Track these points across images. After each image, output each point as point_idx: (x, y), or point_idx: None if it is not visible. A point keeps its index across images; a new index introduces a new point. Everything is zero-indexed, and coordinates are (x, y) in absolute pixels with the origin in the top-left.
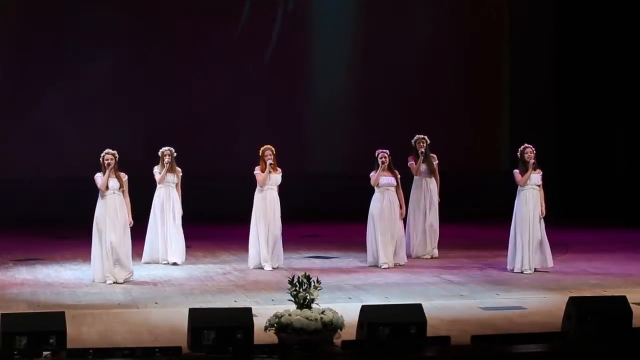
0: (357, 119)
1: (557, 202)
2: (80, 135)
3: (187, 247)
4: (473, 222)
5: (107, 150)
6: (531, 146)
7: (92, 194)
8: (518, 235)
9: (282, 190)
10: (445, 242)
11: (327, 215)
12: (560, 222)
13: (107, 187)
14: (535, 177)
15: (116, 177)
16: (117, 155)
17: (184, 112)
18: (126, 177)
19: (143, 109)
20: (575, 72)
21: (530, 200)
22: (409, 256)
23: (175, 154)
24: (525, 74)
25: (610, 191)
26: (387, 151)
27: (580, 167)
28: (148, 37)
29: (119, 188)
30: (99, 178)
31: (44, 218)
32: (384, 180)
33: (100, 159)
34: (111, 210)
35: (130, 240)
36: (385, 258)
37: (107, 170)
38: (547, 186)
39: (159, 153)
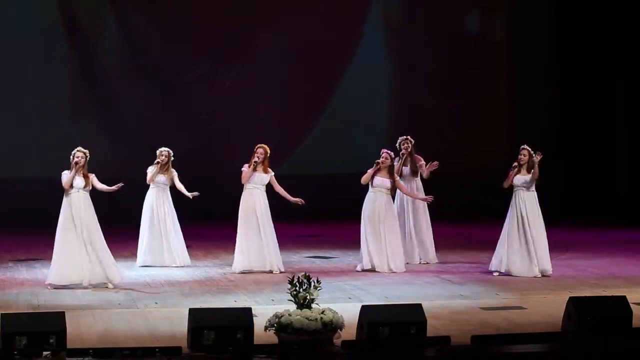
0: (358, 119)
1: (557, 201)
2: (82, 134)
3: (187, 246)
4: (473, 223)
5: (78, 148)
6: (527, 147)
7: (92, 193)
8: (504, 236)
9: (289, 191)
10: (445, 243)
11: (327, 215)
12: (561, 222)
13: (71, 186)
14: (523, 177)
15: (83, 176)
16: (88, 154)
17: (184, 111)
18: (93, 175)
19: (147, 107)
20: (575, 72)
21: (519, 201)
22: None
23: (173, 157)
24: (526, 75)
25: (610, 191)
26: (391, 153)
27: (581, 167)
28: (155, 36)
29: (84, 187)
30: (64, 176)
31: (44, 218)
32: (377, 181)
33: (71, 157)
34: (75, 209)
35: (102, 241)
36: (368, 263)
37: (73, 169)
38: (547, 186)
39: (157, 152)
